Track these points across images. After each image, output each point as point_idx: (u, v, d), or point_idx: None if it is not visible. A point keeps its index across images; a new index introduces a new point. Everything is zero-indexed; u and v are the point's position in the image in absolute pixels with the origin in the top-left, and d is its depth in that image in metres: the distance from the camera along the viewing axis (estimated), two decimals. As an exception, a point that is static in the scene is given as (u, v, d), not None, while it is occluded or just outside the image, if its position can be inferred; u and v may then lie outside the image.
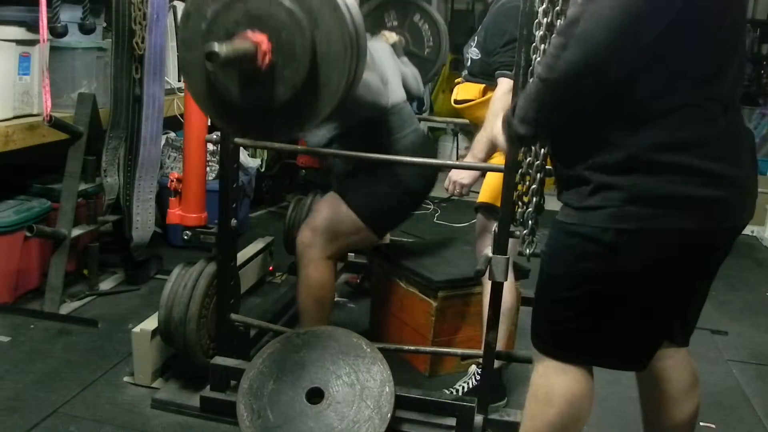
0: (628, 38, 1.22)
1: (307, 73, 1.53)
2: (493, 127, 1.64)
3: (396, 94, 2.43)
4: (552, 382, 1.50)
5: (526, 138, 1.44)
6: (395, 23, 2.84)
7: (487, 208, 2.31)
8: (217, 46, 1.41)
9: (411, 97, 2.71)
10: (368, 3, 2.96)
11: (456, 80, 2.47)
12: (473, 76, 2.32)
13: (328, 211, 2.34)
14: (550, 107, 1.34)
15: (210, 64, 1.44)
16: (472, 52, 2.31)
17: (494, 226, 2.24)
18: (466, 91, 2.34)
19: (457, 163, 2.21)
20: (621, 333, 1.46)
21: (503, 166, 1.88)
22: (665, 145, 1.29)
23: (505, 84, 2.12)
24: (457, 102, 2.38)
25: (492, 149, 2.19)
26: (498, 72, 2.16)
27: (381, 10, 3.06)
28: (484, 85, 2.27)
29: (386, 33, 2.76)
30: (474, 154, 2.19)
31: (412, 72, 2.68)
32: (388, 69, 2.44)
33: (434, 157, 2.54)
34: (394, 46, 2.66)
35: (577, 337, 1.48)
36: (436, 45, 2.96)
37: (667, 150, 1.30)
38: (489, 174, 2.32)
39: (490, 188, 2.30)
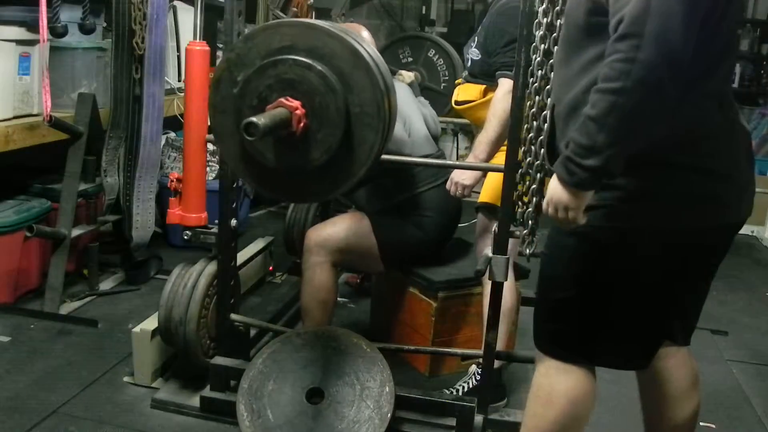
0: (696, 31, 1.17)
1: (342, 135, 1.54)
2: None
3: (422, 148, 2.45)
4: (554, 382, 1.50)
5: (601, 170, 1.23)
6: (410, 59, 2.84)
7: (487, 208, 2.32)
8: (255, 118, 1.40)
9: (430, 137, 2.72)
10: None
11: (456, 81, 2.47)
12: (474, 77, 2.32)
13: (351, 228, 2.38)
14: (630, 121, 1.19)
15: (249, 136, 1.41)
16: (473, 53, 2.31)
17: (495, 226, 2.25)
18: (466, 92, 2.34)
19: (459, 163, 2.21)
20: (620, 332, 1.46)
21: (503, 166, 1.88)
22: (660, 144, 1.29)
23: (506, 84, 2.12)
24: (457, 103, 2.39)
25: (493, 150, 2.19)
26: (499, 72, 2.16)
27: (395, 47, 3.08)
28: (484, 86, 2.27)
29: (403, 72, 2.77)
30: (475, 155, 2.19)
31: (430, 113, 2.69)
32: (410, 112, 2.47)
33: (459, 211, 2.55)
34: (411, 85, 2.67)
35: (578, 336, 1.48)
36: (452, 79, 2.96)
37: (663, 148, 1.30)
38: (490, 174, 2.32)
39: (491, 188, 2.30)
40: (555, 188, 1.31)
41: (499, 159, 2.26)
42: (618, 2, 1.21)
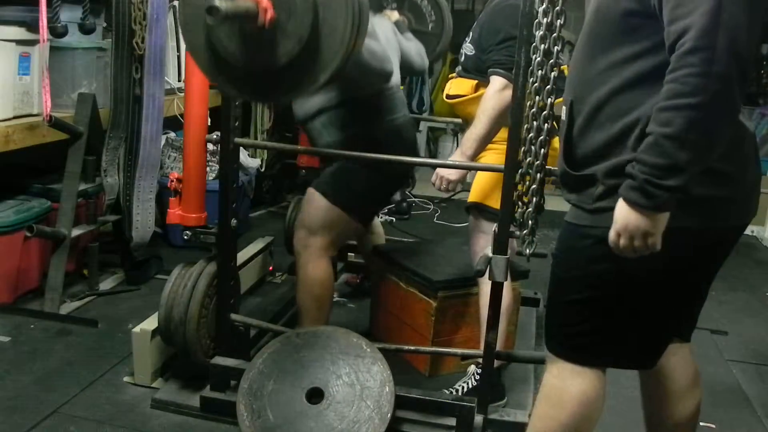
0: (755, 43, 1.17)
1: (311, 24, 1.52)
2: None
3: (394, 76, 2.43)
4: (567, 384, 1.50)
5: (683, 189, 1.21)
6: (394, 5, 2.83)
7: (477, 208, 2.31)
8: (217, 2, 1.41)
9: (415, 71, 2.73)
10: None
11: (450, 75, 2.47)
12: (467, 72, 2.31)
13: (309, 206, 2.37)
14: (710, 135, 1.19)
15: (210, 18, 1.42)
16: (467, 48, 2.30)
17: (485, 226, 2.25)
18: (458, 86, 2.34)
19: (459, 163, 2.20)
20: (634, 333, 1.46)
21: (503, 166, 1.88)
22: None
23: (497, 82, 2.12)
24: (449, 97, 2.38)
25: (480, 147, 2.18)
26: (491, 69, 2.15)
27: None
28: (476, 81, 2.27)
29: (388, 12, 2.75)
30: (463, 151, 2.18)
31: (416, 47, 2.68)
32: (389, 46, 2.44)
33: (415, 142, 2.54)
34: (396, 23, 2.66)
35: (591, 338, 1.47)
36: (439, 19, 2.95)
37: None
38: (479, 173, 2.32)
39: (479, 187, 2.30)
40: (628, 216, 1.26)
41: (487, 157, 2.27)
42: (677, 10, 1.18)
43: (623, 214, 1.27)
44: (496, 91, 2.11)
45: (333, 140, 2.37)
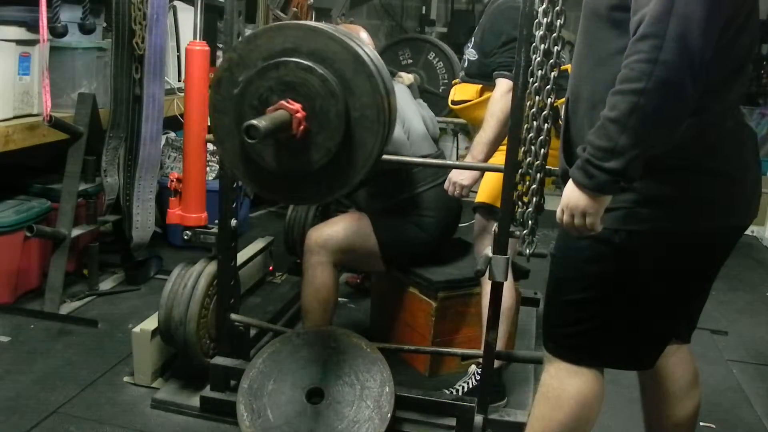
0: (716, 34, 1.17)
1: (342, 139, 1.54)
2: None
3: (421, 149, 2.46)
4: (564, 384, 1.50)
5: (622, 173, 1.21)
6: (410, 61, 2.85)
7: (485, 209, 2.32)
8: (256, 121, 1.40)
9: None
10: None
11: (454, 81, 2.47)
12: (471, 77, 2.32)
13: (352, 228, 2.38)
14: (652, 122, 1.18)
15: (250, 138, 1.41)
16: (470, 53, 2.31)
17: (493, 227, 2.25)
18: (463, 91, 2.34)
19: (458, 163, 2.20)
20: (633, 334, 1.46)
21: (503, 166, 1.88)
22: (675, 147, 1.28)
23: (503, 85, 2.12)
24: (454, 102, 2.38)
25: (491, 151, 2.19)
26: (496, 73, 2.16)
27: (395, 48, 3.06)
28: (481, 86, 2.27)
29: (402, 74, 2.77)
30: (473, 156, 2.19)
31: (429, 115, 2.69)
32: (409, 113, 2.47)
33: (456, 211, 2.57)
34: (410, 87, 2.67)
35: (589, 338, 1.47)
36: (451, 81, 2.96)
37: (677, 151, 1.30)
38: (487, 174, 2.32)
39: (488, 188, 2.30)
40: (571, 194, 1.29)
41: (497, 159, 2.27)
42: (639, 0, 1.20)
43: (567, 191, 1.30)
44: (503, 94, 2.11)
45: (384, 206, 2.43)
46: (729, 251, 1.49)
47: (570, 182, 1.30)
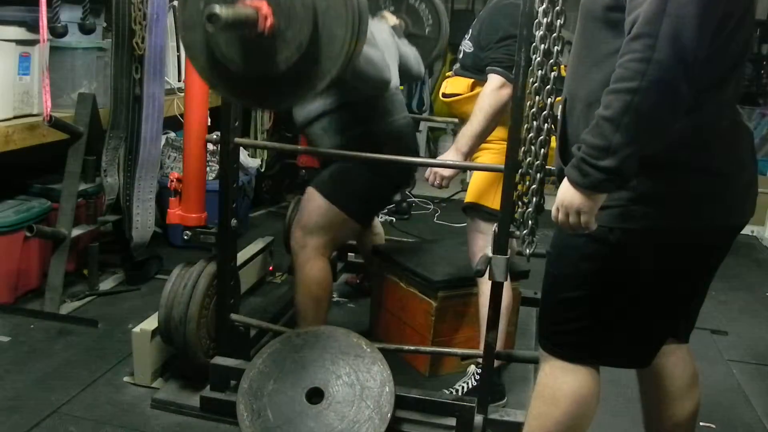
0: (710, 33, 1.17)
1: (311, 31, 1.52)
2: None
3: (393, 79, 2.45)
4: (559, 382, 1.50)
5: (616, 171, 1.21)
6: (392, 8, 2.83)
7: (473, 208, 2.31)
8: (217, 8, 1.40)
9: (412, 77, 2.74)
10: None
11: (447, 74, 2.47)
12: (464, 69, 2.31)
13: (307, 205, 2.37)
14: (645, 121, 1.19)
15: (210, 25, 1.41)
16: (465, 45, 2.30)
17: (482, 226, 2.25)
18: (454, 85, 2.34)
19: (458, 163, 2.19)
20: (627, 332, 1.46)
21: (503, 166, 1.88)
22: (670, 146, 1.29)
23: (494, 80, 2.12)
24: (445, 95, 2.38)
25: (476, 144, 2.18)
26: (489, 67, 2.15)
27: None
28: (472, 80, 2.27)
29: (386, 14, 2.76)
30: (458, 148, 2.17)
31: (413, 52, 2.69)
32: (388, 51, 2.45)
33: (415, 143, 2.59)
34: (393, 28, 2.66)
35: (583, 336, 1.48)
36: (436, 23, 2.95)
37: (672, 150, 1.30)
38: (475, 174, 2.32)
39: (475, 188, 2.30)
40: (566, 192, 1.30)
41: (482, 157, 2.27)
42: (634, 1, 1.20)
43: (563, 189, 1.31)
44: (493, 89, 2.11)
45: (333, 143, 2.37)
46: (725, 250, 1.49)
47: (565, 180, 1.30)
